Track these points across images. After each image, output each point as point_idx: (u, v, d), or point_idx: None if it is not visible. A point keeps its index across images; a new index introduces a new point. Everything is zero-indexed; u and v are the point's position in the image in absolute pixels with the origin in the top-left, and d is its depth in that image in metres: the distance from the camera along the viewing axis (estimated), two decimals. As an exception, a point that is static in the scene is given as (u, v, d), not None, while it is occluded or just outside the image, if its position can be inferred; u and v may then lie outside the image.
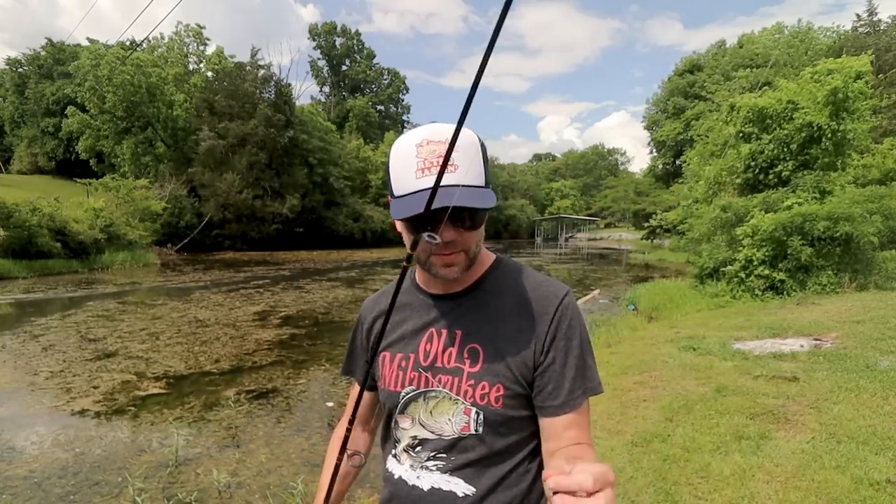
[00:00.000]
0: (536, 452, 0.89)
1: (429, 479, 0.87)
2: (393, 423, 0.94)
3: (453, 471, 0.86)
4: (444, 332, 0.90)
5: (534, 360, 0.85)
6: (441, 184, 0.69)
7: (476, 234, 0.85)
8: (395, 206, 0.80)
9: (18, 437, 4.45)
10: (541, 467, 0.88)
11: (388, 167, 0.84)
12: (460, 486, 0.86)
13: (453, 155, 0.77)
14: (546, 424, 0.85)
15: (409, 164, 0.80)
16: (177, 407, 5.15)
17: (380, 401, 1.00)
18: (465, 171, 0.78)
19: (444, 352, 0.88)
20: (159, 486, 3.59)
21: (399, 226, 0.87)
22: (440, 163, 0.76)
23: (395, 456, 0.94)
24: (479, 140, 0.83)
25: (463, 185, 0.76)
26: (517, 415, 0.86)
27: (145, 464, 3.92)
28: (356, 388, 1.07)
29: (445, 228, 0.79)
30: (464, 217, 0.80)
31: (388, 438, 0.98)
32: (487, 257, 0.95)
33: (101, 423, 4.75)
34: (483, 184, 0.81)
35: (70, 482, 3.66)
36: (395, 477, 0.92)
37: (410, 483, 0.89)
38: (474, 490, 0.85)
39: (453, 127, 0.77)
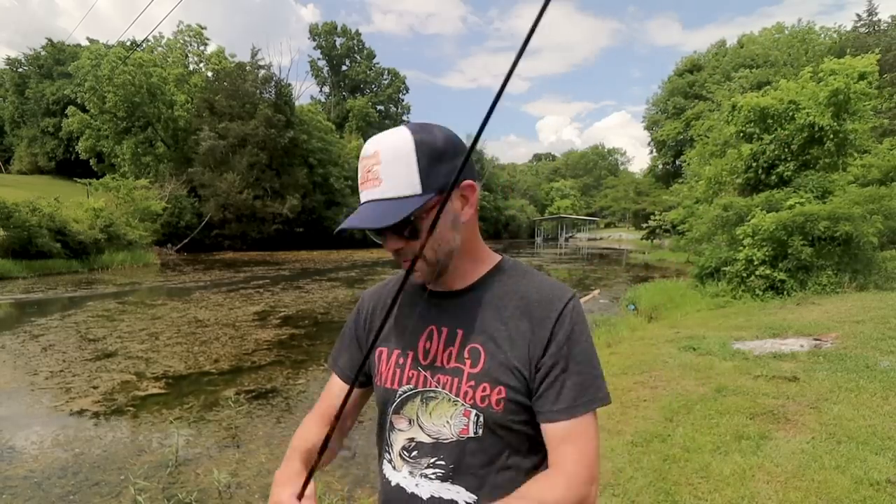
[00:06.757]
0: (540, 459, 0.86)
1: (428, 487, 0.84)
2: (388, 425, 0.91)
3: (454, 479, 0.83)
4: (445, 330, 0.87)
5: (536, 363, 0.82)
6: (363, 200, 0.80)
7: (431, 240, 0.76)
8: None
9: (18, 437, 4.45)
10: None
11: None
12: (462, 495, 0.83)
13: (380, 168, 0.79)
14: (545, 431, 0.81)
15: (359, 176, 0.84)
16: (176, 407, 5.15)
17: (375, 398, 0.97)
18: (389, 184, 0.78)
19: (444, 351, 0.85)
20: (159, 486, 3.59)
21: None
22: (368, 178, 0.80)
23: (390, 461, 0.90)
24: (415, 139, 0.78)
25: (376, 200, 0.78)
26: (518, 419, 0.82)
27: (145, 464, 3.92)
28: (335, 382, 1.02)
29: (389, 239, 0.82)
30: (400, 227, 0.79)
31: (381, 441, 0.94)
32: (492, 257, 0.92)
33: (101, 423, 4.75)
34: (412, 192, 0.77)
35: (70, 482, 3.66)
36: (392, 484, 0.89)
37: (409, 491, 0.86)
38: (476, 498, 0.82)
39: (381, 139, 0.81)
